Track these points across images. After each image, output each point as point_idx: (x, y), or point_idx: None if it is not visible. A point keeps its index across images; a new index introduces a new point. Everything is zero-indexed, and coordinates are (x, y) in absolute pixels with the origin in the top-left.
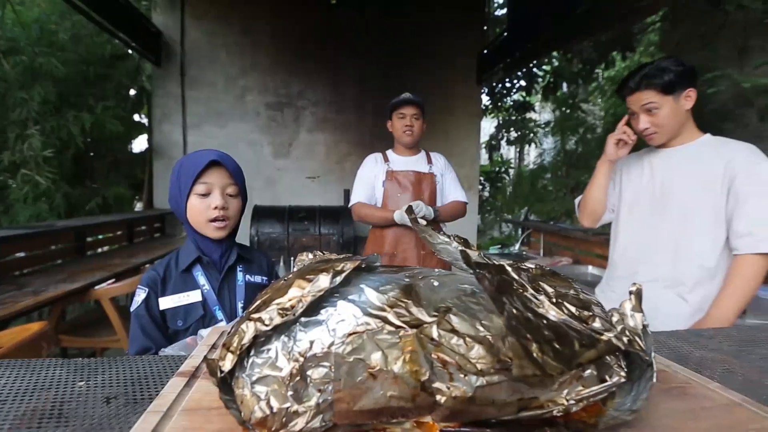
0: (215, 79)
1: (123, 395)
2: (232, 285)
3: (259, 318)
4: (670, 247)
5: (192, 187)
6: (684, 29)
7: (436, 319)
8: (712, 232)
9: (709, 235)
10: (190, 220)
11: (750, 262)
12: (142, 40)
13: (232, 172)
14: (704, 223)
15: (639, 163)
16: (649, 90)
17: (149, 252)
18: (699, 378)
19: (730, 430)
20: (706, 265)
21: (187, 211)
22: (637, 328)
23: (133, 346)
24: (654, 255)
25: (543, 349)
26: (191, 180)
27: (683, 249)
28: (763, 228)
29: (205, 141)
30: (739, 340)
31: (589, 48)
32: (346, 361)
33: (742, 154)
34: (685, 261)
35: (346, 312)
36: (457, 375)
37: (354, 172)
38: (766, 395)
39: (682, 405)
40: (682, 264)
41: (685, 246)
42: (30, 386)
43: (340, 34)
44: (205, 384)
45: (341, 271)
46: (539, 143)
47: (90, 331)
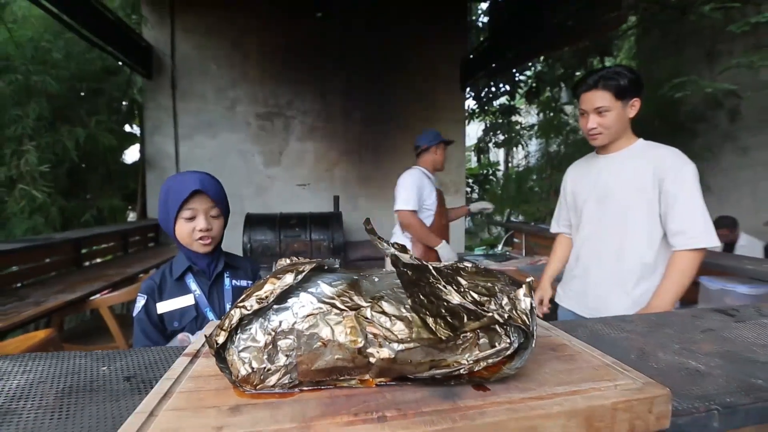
0: (205, 91)
1: (139, 375)
2: (220, 289)
3: (243, 305)
4: (614, 247)
5: (178, 213)
6: (655, 36)
7: (370, 304)
8: (649, 229)
9: (647, 232)
10: (178, 239)
11: (685, 257)
12: (133, 54)
13: (214, 197)
14: (641, 222)
15: (585, 170)
16: (604, 90)
17: (144, 261)
18: (588, 349)
19: (591, 380)
20: (646, 261)
21: (175, 232)
22: (526, 309)
23: (136, 345)
24: (602, 255)
25: (437, 321)
26: (177, 207)
27: (626, 248)
28: (693, 226)
29: (196, 151)
30: (653, 324)
31: (569, 54)
32: (304, 334)
33: (669, 158)
34: (628, 259)
35: (306, 300)
36: (384, 343)
37: (343, 178)
38: (654, 363)
39: (564, 366)
40: (626, 261)
41: (627, 245)
42: (62, 371)
43: (327, 45)
44: (205, 361)
45: (302, 271)
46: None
47: (89, 339)
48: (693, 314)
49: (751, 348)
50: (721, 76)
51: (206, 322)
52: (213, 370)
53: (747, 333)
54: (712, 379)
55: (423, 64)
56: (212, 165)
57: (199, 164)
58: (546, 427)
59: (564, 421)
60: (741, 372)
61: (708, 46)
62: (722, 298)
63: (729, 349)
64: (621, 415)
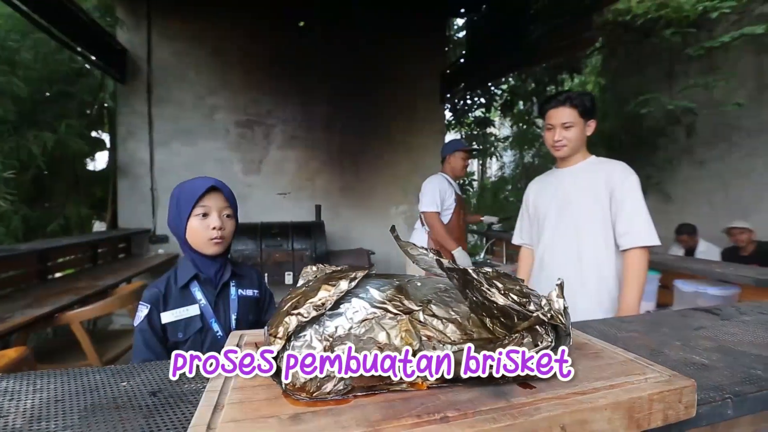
0: (183, 98)
1: (165, 390)
2: (226, 299)
3: (298, 313)
4: (574, 252)
5: (192, 210)
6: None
7: (421, 307)
8: (604, 235)
9: (602, 238)
10: (189, 240)
11: (634, 255)
12: (107, 57)
13: (228, 196)
14: (597, 231)
15: (546, 184)
16: (571, 108)
17: (116, 273)
18: (609, 346)
19: (622, 374)
20: (603, 264)
21: (186, 232)
22: (560, 310)
23: (136, 358)
24: (564, 260)
25: (493, 321)
26: (191, 203)
27: (584, 255)
28: (638, 225)
29: (173, 159)
30: (650, 323)
31: (542, 70)
32: (361, 339)
33: (617, 170)
34: (587, 265)
35: (359, 305)
36: (438, 345)
37: (324, 188)
38: (664, 358)
39: (594, 363)
40: (585, 265)
41: (586, 252)
42: (78, 389)
43: (309, 56)
44: None
45: (355, 277)
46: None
47: (58, 357)
48: (682, 314)
49: (741, 343)
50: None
51: (211, 334)
52: (257, 379)
53: (733, 329)
54: (717, 372)
55: (404, 77)
56: (189, 172)
57: (176, 172)
58: (594, 419)
59: (610, 413)
60: (739, 364)
61: (667, 67)
62: (695, 300)
63: (723, 345)
64: (656, 406)
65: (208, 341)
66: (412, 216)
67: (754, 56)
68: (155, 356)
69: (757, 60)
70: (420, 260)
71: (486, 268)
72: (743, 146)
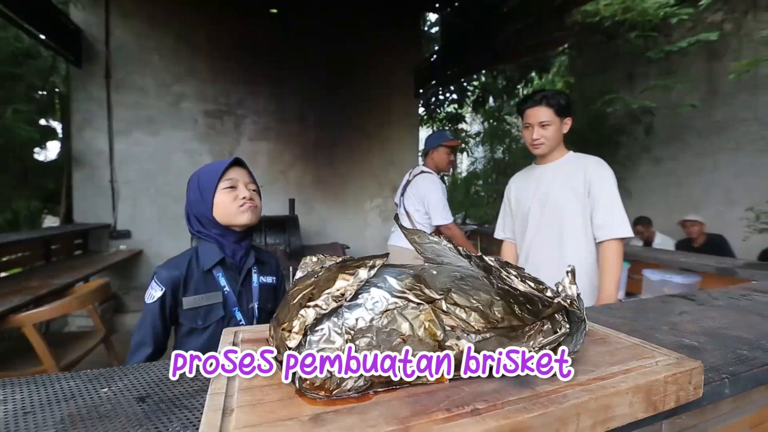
0: (146, 84)
1: (155, 395)
2: (248, 286)
3: (316, 305)
4: (556, 245)
5: (217, 186)
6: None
7: (443, 296)
8: (584, 228)
9: (582, 230)
10: (218, 217)
11: (610, 246)
12: (58, 37)
13: (251, 172)
14: (577, 224)
15: (526, 179)
16: (548, 107)
17: (73, 271)
18: (613, 332)
19: (633, 359)
20: (584, 255)
21: (213, 210)
22: (573, 295)
23: (138, 334)
24: (548, 253)
25: (521, 308)
26: (217, 178)
27: (566, 248)
28: (613, 220)
29: (134, 149)
30: (635, 310)
31: (512, 68)
32: (383, 331)
33: (593, 166)
34: (569, 257)
35: (378, 295)
36: (462, 334)
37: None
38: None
39: (603, 348)
40: (568, 260)
41: (567, 245)
42: (51, 398)
43: (281, 46)
44: None
45: (374, 265)
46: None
47: (8, 363)
48: (662, 300)
49: (722, 326)
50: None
51: (233, 322)
52: (264, 378)
53: (711, 314)
54: (709, 353)
55: (378, 70)
56: (154, 164)
57: (139, 163)
58: (617, 404)
59: (631, 397)
60: (726, 346)
61: (628, 69)
62: (661, 288)
63: (706, 328)
64: (670, 388)
65: None
66: (387, 209)
67: (706, 62)
68: (153, 341)
69: (708, 65)
70: (427, 249)
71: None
72: (695, 145)
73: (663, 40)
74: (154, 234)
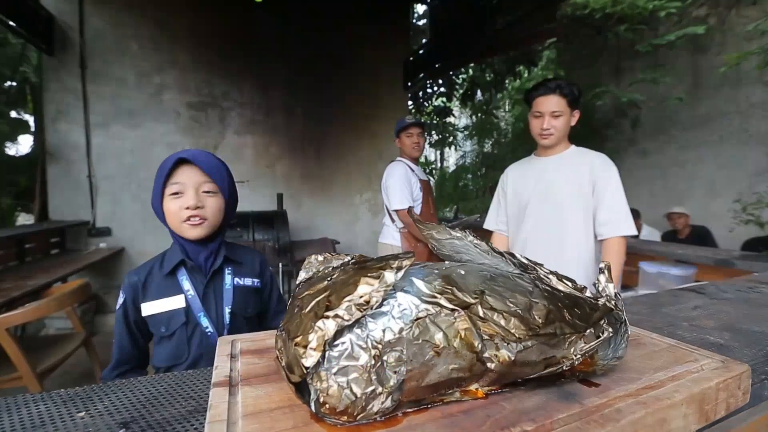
0: (125, 75)
1: (140, 419)
2: (218, 289)
3: (336, 315)
4: (556, 241)
5: (164, 189)
6: (574, 50)
7: (477, 300)
8: (585, 224)
9: (583, 226)
10: (168, 223)
11: (614, 243)
12: (27, 23)
13: (206, 169)
14: (578, 220)
15: (526, 171)
16: (561, 97)
17: (49, 272)
18: (643, 331)
19: (676, 363)
20: (584, 252)
21: (165, 217)
22: (613, 295)
23: (115, 344)
24: (546, 249)
25: (571, 313)
26: (162, 181)
27: (566, 241)
28: (618, 215)
29: (113, 142)
30: (648, 305)
31: (500, 61)
32: (414, 343)
33: (598, 162)
34: (569, 252)
35: (406, 301)
36: (502, 344)
37: (286, 175)
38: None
39: (640, 351)
40: (567, 255)
41: (567, 238)
42: (15, 427)
43: (266, 37)
44: (249, 390)
45: (400, 267)
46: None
47: None
48: (673, 294)
49: (740, 320)
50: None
51: (198, 329)
52: (271, 401)
53: (725, 307)
54: (738, 351)
55: (366, 63)
56: (134, 158)
57: (118, 157)
58: (672, 416)
59: (685, 408)
60: (752, 342)
61: (615, 62)
62: (658, 280)
63: (725, 323)
64: (721, 395)
65: (195, 338)
66: (376, 204)
67: (691, 55)
68: (121, 353)
69: (693, 59)
70: (446, 245)
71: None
72: (679, 138)
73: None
74: (136, 231)
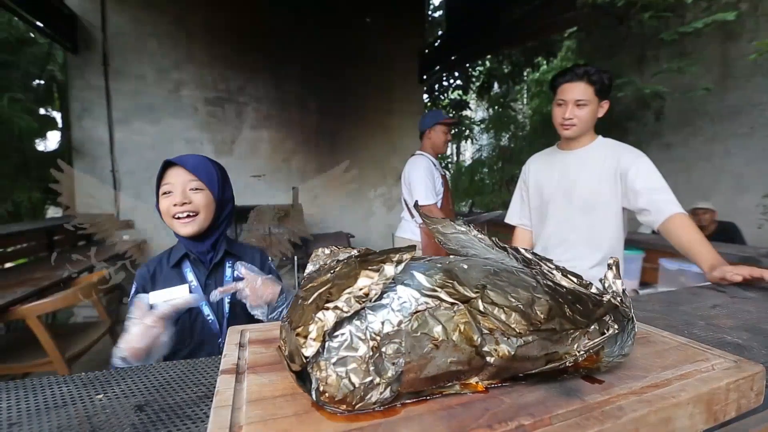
0: (144, 71)
1: (154, 402)
2: (219, 281)
3: (335, 307)
4: (583, 237)
5: (158, 191)
6: (594, 40)
7: (478, 294)
8: (615, 220)
9: (613, 223)
10: (164, 221)
11: (682, 218)
12: (53, 23)
13: (192, 169)
14: (607, 213)
15: (549, 164)
16: (589, 84)
17: (76, 263)
18: (653, 329)
19: (686, 362)
20: (614, 248)
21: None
22: (620, 292)
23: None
24: (572, 245)
25: (572, 309)
26: (157, 185)
27: (595, 237)
28: (670, 195)
29: (135, 138)
30: (665, 302)
31: (518, 52)
32: (412, 336)
33: (627, 154)
34: (597, 247)
35: (406, 294)
36: (502, 338)
37: (301, 169)
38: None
39: (648, 349)
40: (595, 250)
41: (596, 234)
42: (40, 406)
43: (280, 32)
44: (254, 378)
45: (401, 260)
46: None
47: (14, 355)
48: (692, 292)
49: (761, 320)
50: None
51: (201, 318)
52: (274, 388)
53: (746, 306)
54: (756, 352)
55: (380, 56)
56: (155, 153)
57: (139, 152)
58: (677, 416)
59: (692, 407)
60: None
61: (638, 52)
62: (678, 277)
63: (745, 322)
64: (731, 395)
65: (198, 326)
66: (391, 198)
67: (720, 43)
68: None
69: (722, 47)
70: (452, 239)
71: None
72: (706, 131)
73: (676, 21)
74: (157, 224)
